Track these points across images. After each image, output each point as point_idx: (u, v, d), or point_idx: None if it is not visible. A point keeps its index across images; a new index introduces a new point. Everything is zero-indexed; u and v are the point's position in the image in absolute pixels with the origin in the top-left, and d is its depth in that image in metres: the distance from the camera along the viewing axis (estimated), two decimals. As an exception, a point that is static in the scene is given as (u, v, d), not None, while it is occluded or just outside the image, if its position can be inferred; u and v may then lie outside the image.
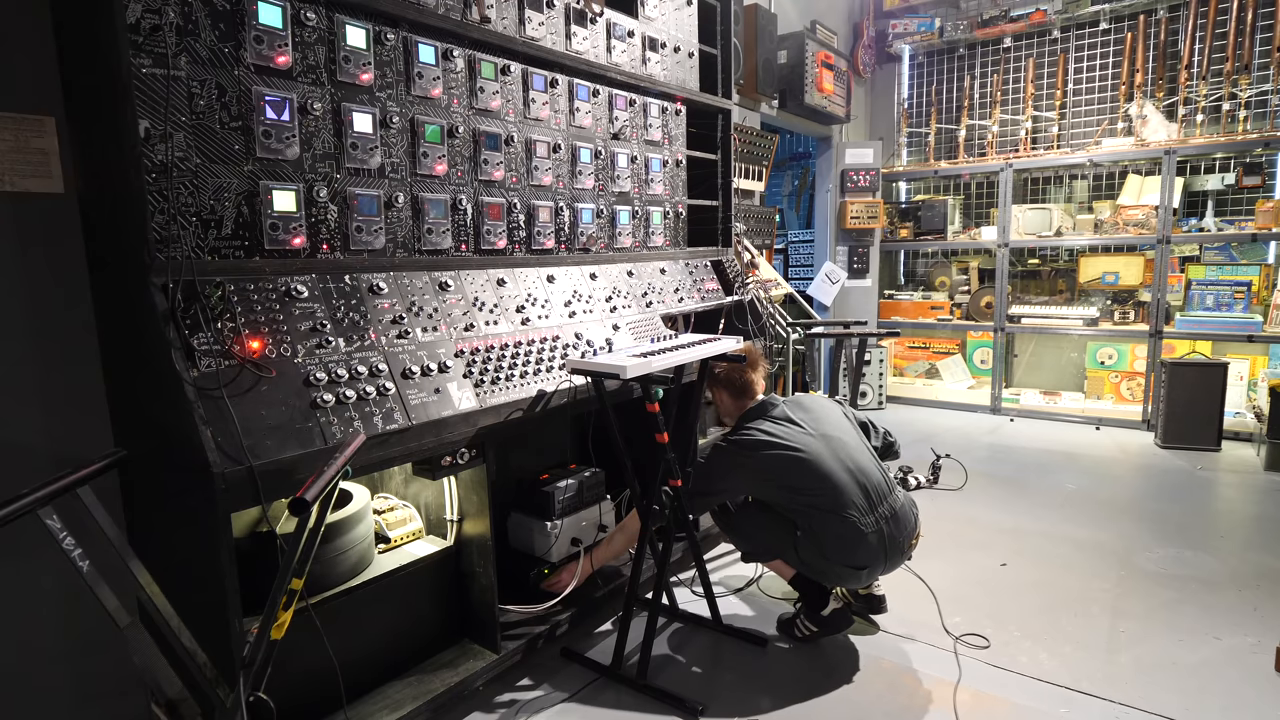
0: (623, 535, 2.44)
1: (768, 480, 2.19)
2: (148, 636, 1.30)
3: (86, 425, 1.78)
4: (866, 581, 2.27)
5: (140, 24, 1.48)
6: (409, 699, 1.94)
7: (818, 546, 2.13)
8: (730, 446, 2.25)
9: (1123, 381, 5.32)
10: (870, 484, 2.16)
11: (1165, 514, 3.40)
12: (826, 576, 2.21)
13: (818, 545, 2.13)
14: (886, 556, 2.15)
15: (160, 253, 1.52)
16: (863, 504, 2.12)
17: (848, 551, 2.11)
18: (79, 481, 1.24)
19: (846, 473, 2.15)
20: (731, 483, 2.27)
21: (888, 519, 2.14)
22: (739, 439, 2.25)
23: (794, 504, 2.15)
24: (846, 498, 2.11)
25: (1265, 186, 4.73)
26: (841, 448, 2.21)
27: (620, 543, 2.44)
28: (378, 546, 2.15)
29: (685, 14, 3.05)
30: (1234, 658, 2.23)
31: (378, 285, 1.91)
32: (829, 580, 2.24)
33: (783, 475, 2.15)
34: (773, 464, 2.16)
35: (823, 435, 2.22)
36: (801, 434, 2.21)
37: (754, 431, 2.23)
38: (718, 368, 2.40)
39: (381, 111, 1.95)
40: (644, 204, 2.89)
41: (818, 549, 2.13)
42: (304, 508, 1.20)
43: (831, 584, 2.28)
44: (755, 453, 2.19)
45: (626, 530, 2.43)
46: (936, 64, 5.96)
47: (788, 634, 2.38)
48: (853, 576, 2.19)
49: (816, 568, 2.19)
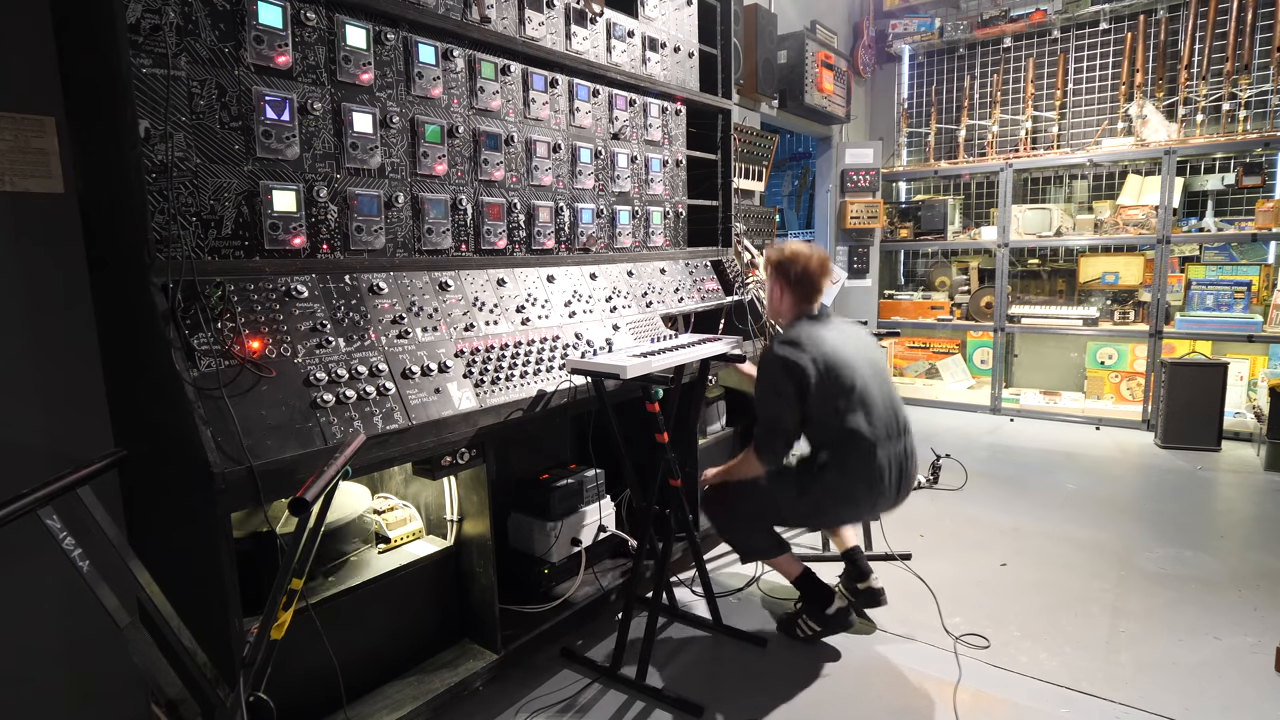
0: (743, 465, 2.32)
1: (820, 380, 2.11)
2: (148, 636, 1.30)
3: (86, 425, 1.78)
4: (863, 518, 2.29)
5: (140, 24, 1.48)
6: (409, 699, 1.94)
7: (837, 473, 2.12)
8: (782, 346, 2.15)
9: (1123, 381, 5.32)
10: (898, 415, 2.20)
11: (1165, 514, 3.40)
12: (827, 517, 2.23)
13: (838, 470, 2.12)
14: (896, 493, 2.19)
15: (160, 253, 1.52)
16: (887, 432, 2.15)
17: (864, 482, 2.12)
18: (79, 481, 1.24)
19: (883, 398, 2.18)
20: (784, 390, 2.14)
21: (903, 457, 2.18)
22: (792, 337, 2.17)
23: (830, 421, 2.12)
24: (879, 423, 2.13)
25: (1265, 186, 4.73)
26: (880, 372, 2.23)
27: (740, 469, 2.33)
28: (378, 546, 2.15)
29: (685, 14, 3.05)
30: (1234, 658, 2.23)
31: (378, 285, 1.91)
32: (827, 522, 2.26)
33: (831, 384, 2.11)
34: (824, 367, 2.11)
35: (868, 357, 2.22)
36: (852, 348, 2.20)
37: (806, 331, 2.19)
38: (786, 258, 2.27)
39: (381, 111, 1.95)
40: (644, 204, 2.89)
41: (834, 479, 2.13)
42: (304, 508, 1.20)
43: (830, 525, 2.29)
44: (807, 351, 2.12)
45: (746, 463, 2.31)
46: (936, 64, 5.96)
47: (789, 633, 2.38)
48: (853, 513, 2.23)
49: (821, 507, 2.19)
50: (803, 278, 2.25)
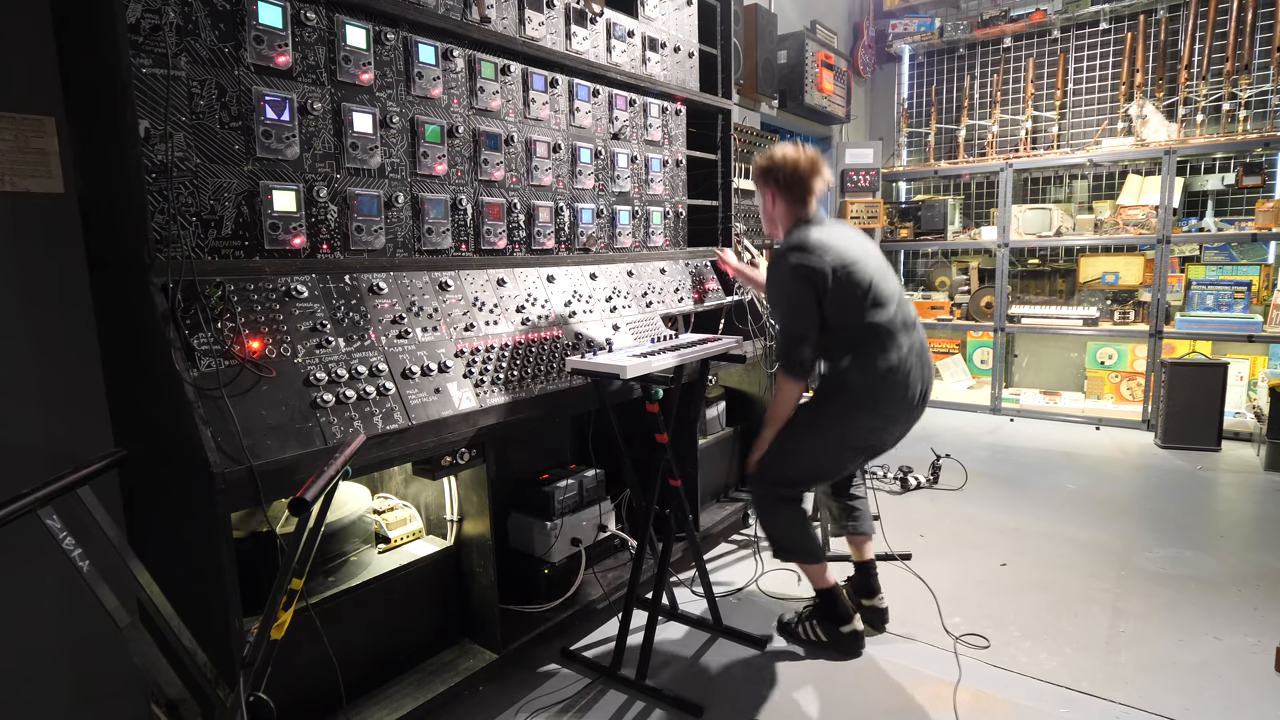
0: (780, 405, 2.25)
1: (837, 283, 2.08)
2: (148, 636, 1.30)
3: (86, 425, 1.78)
4: (890, 431, 2.19)
5: (140, 24, 1.48)
6: (409, 699, 1.94)
7: (859, 374, 2.09)
8: (792, 253, 2.10)
9: (1123, 381, 5.32)
10: (907, 307, 2.18)
11: (1165, 514, 3.40)
12: (855, 439, 2.16)
13: (860, 370, 2.09)
14: (920, 392, 2.15)
15: (160, 253, 1.52)
16: (904, 322, 2.13)
17: (889, 380, 2.08)
18: (79, 481, 1.24)
19: (893, 291, 2.15)
20: (803, 297, 2.10)
21: (921, 347, 2.17)
22: (799, 242, 2.11)
23: (849, 321, 2.10)
24: (895, 314, 2.11)
25: (1265, 186, 4.73)
26: (885, 266, 2.20)
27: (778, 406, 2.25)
28: (378, 546, 2.15)
29: (685, 14, 3.05)
30: (1234, 658, 2.23)
31: (378, 285, 1.91)
32: (855, 450, 2.19)
33: (848, 285, 2.08)
34: (838, 268, 2.07)
35: (871, 252, 2.19)
36: (857, 246, 2.16)
37: (811, 234, 2.12)
38: (774, 163, 2.20)
39: (381, 111, 1.95)
40: (644, 204, 2.89)
41: (857, 381, 2.09)
42: (304, 508, 1.20)
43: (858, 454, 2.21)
44: (820, 255, 2.07)
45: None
46: (936, 64, 5.96)
47: (790, 634, 2.36)
48: (879, 425, 2.15)
49: (848, 426, 2.14)
50: (793, 180, 2.17)
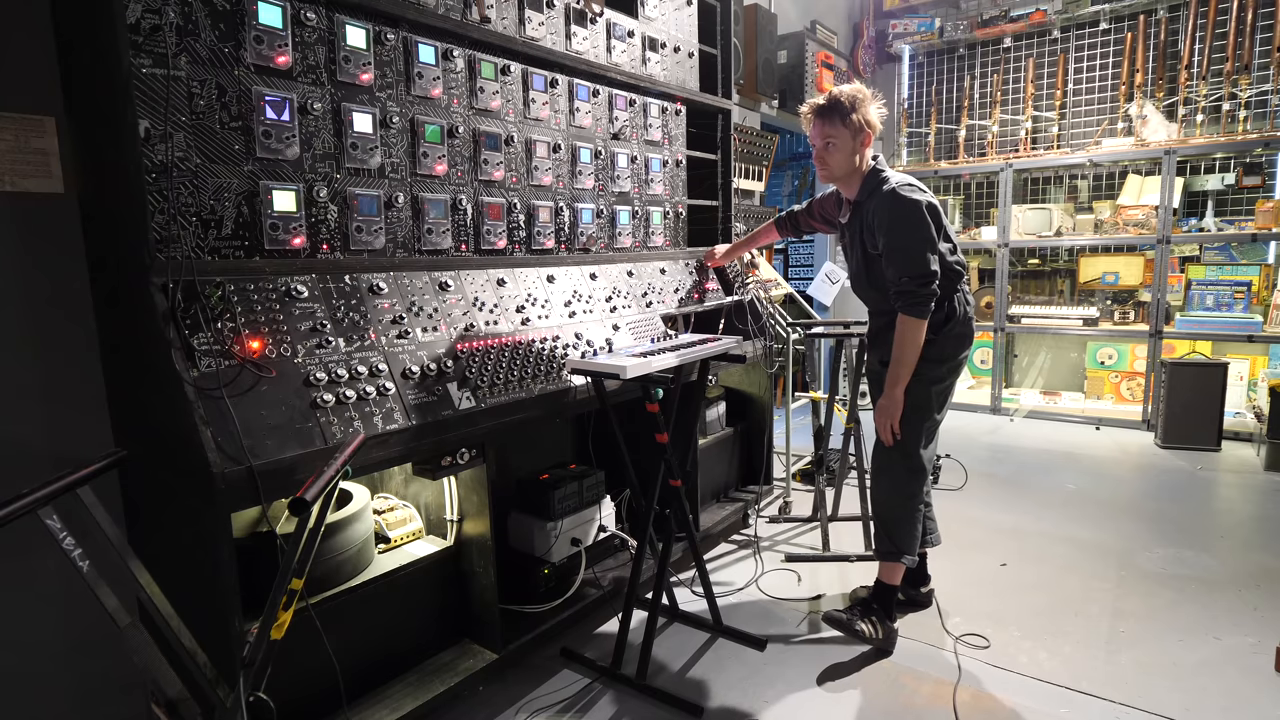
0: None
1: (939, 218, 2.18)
2: (148, 636, 1.30)
3: (86, 425, 1.78)
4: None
5: (140, 24, 1.48)
6: (409, 699, 1.94)
7: (952, 313, 2.22)
8: (912, 189, 2.16)
9: (1123, 381, 5.32)
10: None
11: (1165, 514, 3.40)
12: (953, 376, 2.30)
13: (952, 310, 2.22)
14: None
15: (160, 253, 1.52)
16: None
17: (969, 319, 2.27)
18: (79, 481, 1.24)
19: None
20: (932, 233, 2.13)
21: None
22: (905, 180, 2.19)
23: (948, 260, 2.18)
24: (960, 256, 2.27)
25: (1265, 186, 4.73)
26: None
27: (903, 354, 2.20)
28: (378, 546, 2.15)
29: (685, 14, 3.05)
30: (1234, 658, 2.23)
31: (378, 285, 1.91)
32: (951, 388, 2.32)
33: (942, 220, 2.19)
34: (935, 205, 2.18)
35: None
36: None
37: (897, 173, 2.23)
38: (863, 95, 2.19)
39: (381, 111, 1.95)
40: (644, 204, 2.89)
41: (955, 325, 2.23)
42: (304, 508, 1.20)
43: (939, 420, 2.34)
44: (927, 190, 2.20)
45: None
46: (936, 64, 5.96)
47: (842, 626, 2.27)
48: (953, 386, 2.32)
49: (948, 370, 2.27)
50: (871, 116, 2.20)
